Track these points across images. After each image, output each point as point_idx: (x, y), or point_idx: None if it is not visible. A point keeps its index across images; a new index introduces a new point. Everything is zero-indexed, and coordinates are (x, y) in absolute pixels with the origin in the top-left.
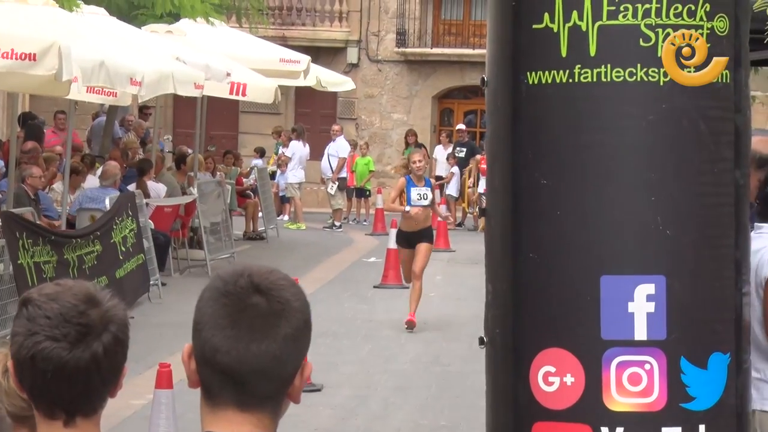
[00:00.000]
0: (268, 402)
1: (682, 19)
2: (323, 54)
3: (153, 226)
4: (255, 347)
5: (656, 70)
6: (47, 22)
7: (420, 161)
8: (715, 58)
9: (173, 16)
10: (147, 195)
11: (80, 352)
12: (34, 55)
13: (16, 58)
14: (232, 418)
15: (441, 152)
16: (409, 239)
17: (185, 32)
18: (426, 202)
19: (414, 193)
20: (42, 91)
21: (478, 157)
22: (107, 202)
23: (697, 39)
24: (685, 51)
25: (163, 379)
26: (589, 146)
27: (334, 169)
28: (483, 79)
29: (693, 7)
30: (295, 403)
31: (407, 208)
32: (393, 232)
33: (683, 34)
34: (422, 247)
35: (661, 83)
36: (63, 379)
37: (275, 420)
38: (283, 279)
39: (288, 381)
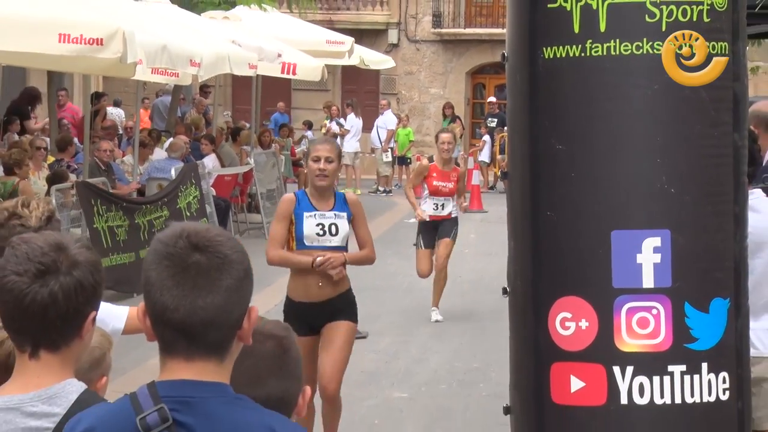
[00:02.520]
0: (216, 351)
1: None
2: (366, 35)
3: (215, 193)
4: (201, 301)
5: (660, 44)
6: (113, 10)
7: (329, 161)
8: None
9: (230, 4)
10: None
11: (38, 287)
12: (101, 39)
13: (85, 43)
14: (177, 367)
15: None
16: (307, 318)
17: (240, 18)
18: (336, 241)
19: (308, 224)
20: (110, 73)
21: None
22: (173, 172)
23: (697, 39)
24: (685, 51)
25: None
26: (600, 114)
27: (382, 140)
28: (504, 54)
29: None
30: (246, 344)
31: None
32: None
33: (683, 34)
34: (337, 339)
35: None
36: (22, 310)
37: (222, 363)
38: (219, 235)
39: (235, 326)
